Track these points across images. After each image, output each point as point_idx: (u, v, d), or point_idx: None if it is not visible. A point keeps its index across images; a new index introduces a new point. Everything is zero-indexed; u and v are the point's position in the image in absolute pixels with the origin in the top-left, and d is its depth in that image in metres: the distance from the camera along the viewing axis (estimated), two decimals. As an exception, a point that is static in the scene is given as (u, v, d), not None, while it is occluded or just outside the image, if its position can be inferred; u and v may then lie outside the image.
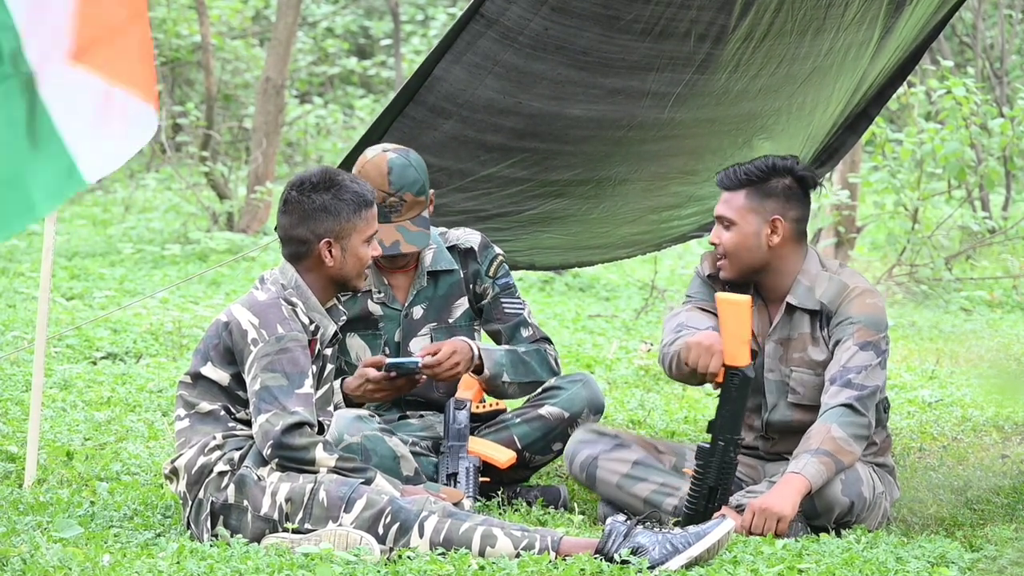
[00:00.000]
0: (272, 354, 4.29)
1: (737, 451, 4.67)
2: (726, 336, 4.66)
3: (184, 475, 4.35)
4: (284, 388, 4.27)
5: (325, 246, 4.42)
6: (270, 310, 4.35)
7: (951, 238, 12.03)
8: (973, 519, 5.05)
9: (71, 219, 13.73)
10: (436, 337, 5.16)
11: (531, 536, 4.14)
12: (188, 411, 4.41)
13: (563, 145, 5.55)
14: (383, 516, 4.19)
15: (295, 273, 4.44)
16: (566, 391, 5.20)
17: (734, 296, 4.71)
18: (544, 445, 5.18)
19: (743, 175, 4.84)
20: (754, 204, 4.84)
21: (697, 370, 4.67)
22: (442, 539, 4.15)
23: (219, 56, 17.08)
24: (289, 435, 4.23)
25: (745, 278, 4.90)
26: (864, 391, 4.70)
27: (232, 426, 4.37)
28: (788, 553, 4.22)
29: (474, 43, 4.97)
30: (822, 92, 5.77)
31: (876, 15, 5.37)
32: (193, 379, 4.41)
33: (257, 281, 4.47)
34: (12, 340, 7.69)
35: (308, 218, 4.42)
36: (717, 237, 4.87)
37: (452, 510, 4.27)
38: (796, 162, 4.89)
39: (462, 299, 5.21)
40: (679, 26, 4.99)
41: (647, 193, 6.15)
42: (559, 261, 6.97)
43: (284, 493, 4.24)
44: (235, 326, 4.36)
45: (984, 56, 13.77)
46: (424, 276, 5.17)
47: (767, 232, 4.84)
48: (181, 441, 4.41)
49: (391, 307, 5.16)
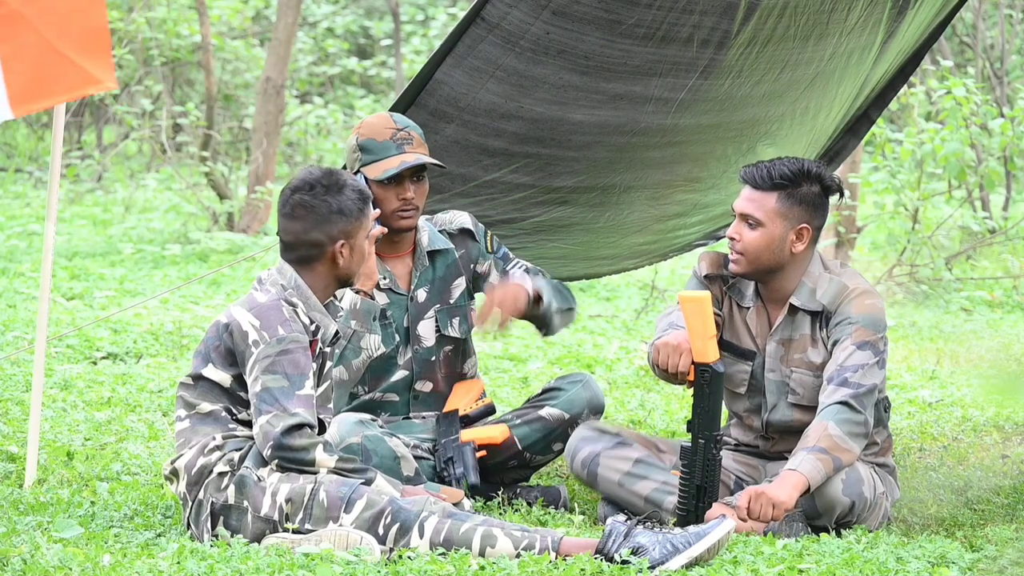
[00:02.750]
0: (273, 356, 4.29)
1: (719, 447, 4.67)
2: (692, 334, 4.67)
3: (184, 475, 4.35)
4: (285, 389, 4.27)
5: (340, 248, 4.42)
6: (271, 311, 4.35)
7: (951, 238, 12.02)
8: (973, 519, 5.05)
9: (71, 219, 13.73)
10: (440, 319, 5.18)
11: (531, 536, 4.15)
12: (188, 411, 4.41)
13: (566, 151, 5.54)
14: (383, 516, 4.19)
15: (294, 273, 4.43)
16: (566, 392, 5.20)
17: (694, 293, 4.71)
18: (545, 446, 5.19)
19: (777, 176, 4.78)
20: (784, 209, 4.79)
21: (668, 370, 4.68)
22: (442, 539, 4.15)
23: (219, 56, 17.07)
24: (289, 436, 4.23)
25: (757, 277, 4.89)
26: (860, 389, 4.69)
27: (233, 427, 4.37)
28: (788, 553, 4.22)
29: (475, 47, 4.96)
30: (825, 97, 5.76)
31: (879, 20, 5.36)
32: (194, 380, 4.41)
33: (256, 282, 4.47)
34: (12, 340, 7.69)
35: (324, 222, 4.40)
36: (738, 233, 4.82)
37: (452, 510, 4.27)
38: (823, 167, 4.86)
39: (460, 279, 5.23)
40: (681, 31, 4.98)
41: (653, 201, 6.13)
42: (567, 273, 6.95)
43: (284, 494, 4.24)
44: (236, 328, 4.35)
45: (984, 56, 13.76)
46: (424, 257, 5.18)
47: (792, 239, 4.81)
48: (181, 442, 4.40)
49: (396, 292, 5.17)
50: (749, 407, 4.97)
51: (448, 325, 5.19)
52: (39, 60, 4.88)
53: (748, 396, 4.97)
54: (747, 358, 4.94)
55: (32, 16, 4.89)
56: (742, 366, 4.95)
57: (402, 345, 5.17)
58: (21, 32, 4.88)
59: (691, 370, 4.68)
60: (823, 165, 4.88)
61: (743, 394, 4.97)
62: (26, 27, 4.89)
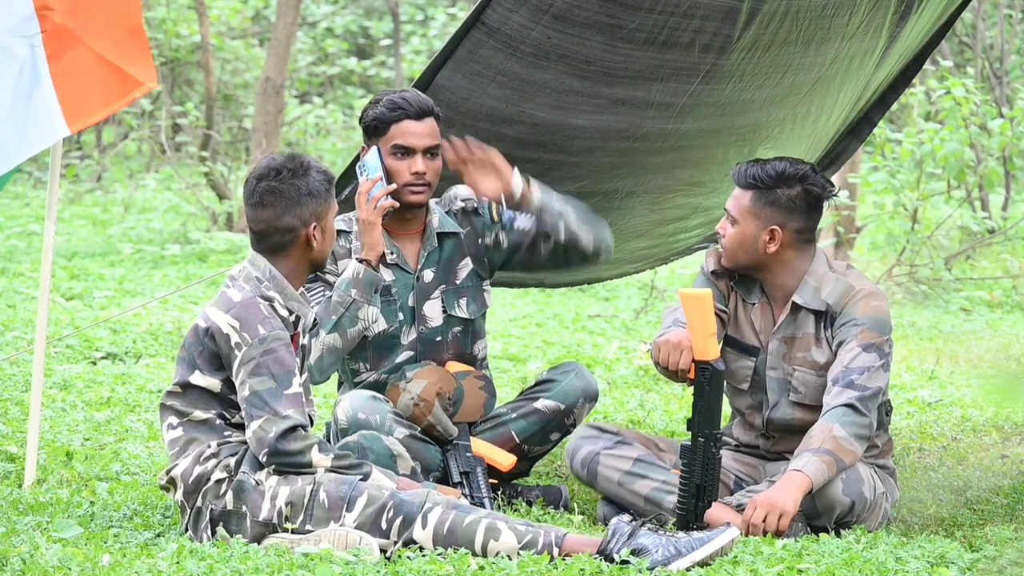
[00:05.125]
0: (257, 357, 4.25)
1: (718, 446, 4.67)
2: (692, 331, 4.68)
3: (181, 484, 4.32)
4: (273, 391, 4.24)
5: (313, 230, 4.38)
6: (249, 310, 4.29)
7: (951, 238, 12.03)
8: (973, 519, 5.05)
9: (71, 219, 13.73)
10: (447, 299, 5.17)
11: (535, 532, 4.14)
12: (180, 419, 4.36)
13: (568, 156, 5.53)
14: (386, 511, 4.18)
15: (268, 264, 4.37)
16: (559, 383, 5.21)
17: (695, 290, 4.72)
18: (542, 437, 5.19)
19: (751, 177, 4.84)
20: (756, 209, 4.84)
21: (668, 367, 4.68)
22: (446, 530, 4.14)
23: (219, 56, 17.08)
24: (284, 441, 4.22)
25: (741, 272, 4.92)
26: (866, 392, 4.70)
27: (228, 433, 4.34)
28: (788, 553, 4.22)
29: (476, 51, 4.95)
30: (826, 101, 5.76)
31: (881, 24, 5.35)
32: (183, 388, 4.36)
33: (227, 279, 4.40)
34: (12, 340, 7.69)
35: (295, 205, 4.35)
36: (723, 228, 4.90)
37: (456, 502, 4.25)
38: (811, 171, 4.87)
39: (465, 259, 5.21)
40: (683, 36, 4.97)
41: (654, 206, 6.13)
42: (568, 278, 6.94)
43: (284, 497, 4.23)
44: (216, 331, 4.30)
45: (984, 56, 13.77)
46: (434, 237, 5.17)
47: (765, 239, 4.84)
48: (175, 451, 4.36)
49: (404, 269, 5.16)
50: (751, 404, 4.98)
51: (455, 305, 5.18)
52: (88, 72, 4.91)
53: (750, 393, 4.97)
54: (750, 354, 4.94)
55: (77, 29, 4.92)
56: (745, 362, 4.95)
57: (406, 325, 5.15)
58: (69, 47, 4.91)
59: (691, 368, 4.68)
60: (813, 169, 4.89)
61: (745, 390, 4.98)
62: (73, 41, 4.91)
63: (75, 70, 4.91)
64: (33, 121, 4.89)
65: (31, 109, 4.88)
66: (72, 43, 4.92)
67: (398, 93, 5.04)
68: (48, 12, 4.90)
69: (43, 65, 4.88)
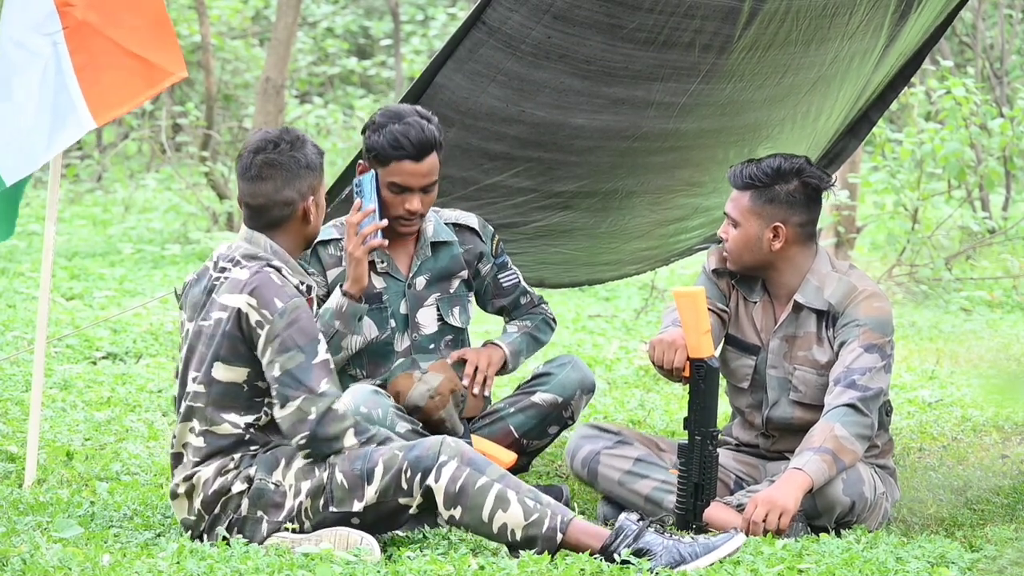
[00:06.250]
0: (281, 332, 4.18)
1: (715, 445, 4.67)
2: (686, 329, 4.68)
3: (201, 492, 4.27)
4: (303, 366, 4.17)
5: (310, 204, 4.34)
6: (261, 284, 4.22)
7: (951, 238, 12.03)
8: (973, 519, 5.05)
9: (71, 219, 13.74)
10: (442, 307, 5.18)
11: (542, 511, 4.12)
12: (205, 426, 4.27)
13: (568, 155, 5.53)
14: (403, 473, 4.16)
15: (267, 240, 4.32)
16: (556, 376, 5.21)
17: (689, 289, 4.72)
18: (541, 431, 5.20)
19: (748, 177, 4.85)
20: (757, 208, 4.84)
21: (664, 366, 4.69)
22: (458, 488, 4.12)
23: (219, 56, 17.07)
24: (324, 425, 4.17)
25: (748, 274, 4.92)
26: (868, 392, 4.70)
27: (254, 450, 4.28)
28: (788, 553, 4.22)
29: (476, 51, 4.95)
30: (826, 100, 5.76)
31: (881, 23, 5.35)
32: (207, 386, 4.26)
33: (227, 263, 4.30)
34: (12, 340, 7.69)
35: (295, 177, 4.30)
36: (725, 232, 4.90)
37: (470, 456, 4.19)
38: (807, 163, 4.88)
39: (462, 272, 5.22)
40: (683, 36, 4.97)
41: (654, 206, 6.13)
42: (568, 279, 6.94)
43: (305, 491, 4.21)
44: (232, 315, 4.23)
45: (984, 56, 13.77)
46: (428, 246, 5.16)
47: (769, 237, 4.84)
48: (197, 459, 4.29)
49: (395, 277, 5.15)
50: (751, 402, 4.98)
51: (450, 313, 5.19)
52: (112, 64, 4.91)
53: (751, 391, 4.97)
54: (751, 353, 4.95)
55: (99, 22, 4.92)
56: (746, 360, 4.95)
57: (399, 332, 5.15)
58: (90, 40, 4.91)
59: (687, 366, 4.68)
60: (808, 162, 4.89)
61: (746, 389, 4.98)
62: (94, 34, 4.92)
63: (99, 63, 4.91)
64: (59, 117, 4.90)
65: (57, 106, 4.90)
66: (94, 37, 4.92)
67: (402, 123, 4.96)
68: (69, 8, 4.91)
69: (66, 61, 4.89)
